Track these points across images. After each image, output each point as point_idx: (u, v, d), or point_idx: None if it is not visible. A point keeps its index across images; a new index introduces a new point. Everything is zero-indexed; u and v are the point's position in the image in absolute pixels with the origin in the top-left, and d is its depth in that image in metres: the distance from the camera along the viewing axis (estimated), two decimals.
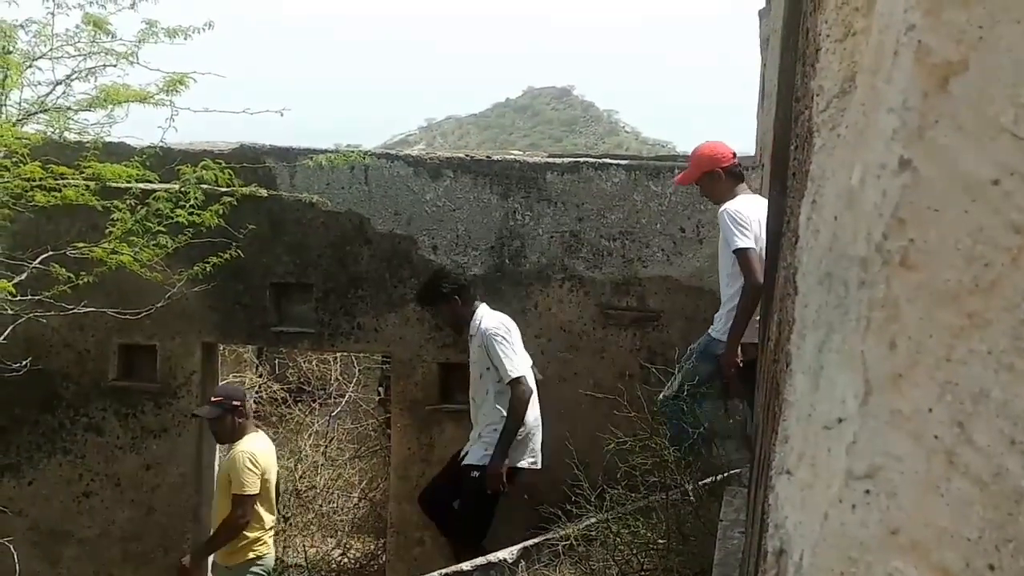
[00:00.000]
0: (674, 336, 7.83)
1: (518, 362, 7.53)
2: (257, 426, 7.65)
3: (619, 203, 8.09)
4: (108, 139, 8.10)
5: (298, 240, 8.41)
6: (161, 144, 8.03)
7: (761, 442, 2.93)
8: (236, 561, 7.41)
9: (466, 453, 7.73)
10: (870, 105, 1.10)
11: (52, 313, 7.50)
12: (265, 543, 7.47)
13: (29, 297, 7.27)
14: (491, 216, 8.24)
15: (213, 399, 7.45)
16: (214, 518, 7.55)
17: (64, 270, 7.33)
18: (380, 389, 12.28)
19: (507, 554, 6.45)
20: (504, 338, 7.55)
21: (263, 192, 8.07)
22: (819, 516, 1.06)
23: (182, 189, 7.67)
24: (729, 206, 6.80)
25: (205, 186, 7.69)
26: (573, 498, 5.99)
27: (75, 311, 7.53)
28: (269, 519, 7.40)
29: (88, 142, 7.85)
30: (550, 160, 8.42)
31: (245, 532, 7.28)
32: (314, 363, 12.12)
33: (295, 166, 8.32)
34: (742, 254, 6.64)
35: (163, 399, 8.53)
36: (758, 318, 6.34)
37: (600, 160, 8.35)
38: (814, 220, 1.23)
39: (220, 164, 7.71)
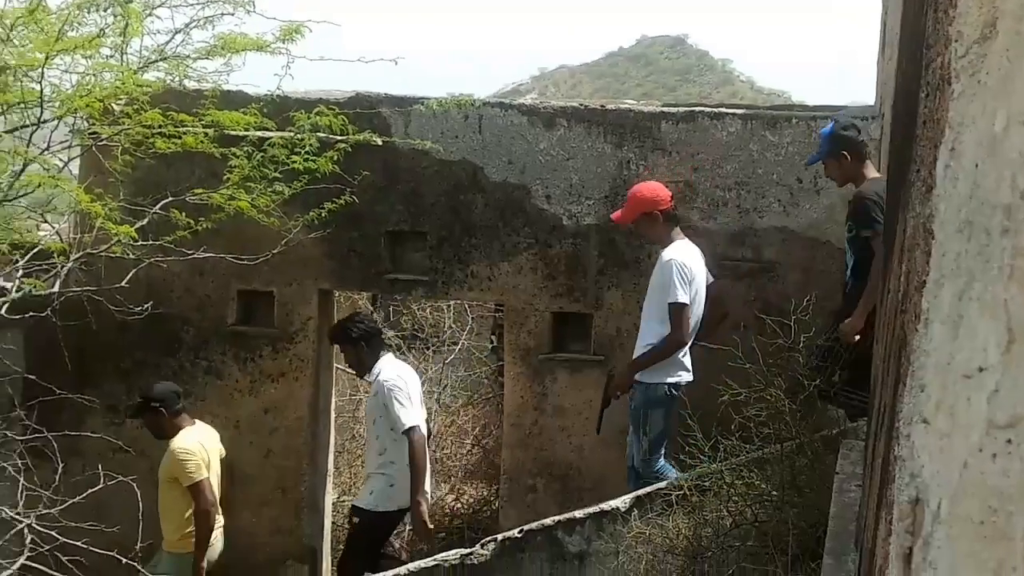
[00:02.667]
0: (790, 288, 7.74)
1: (412, 413, 7.76)
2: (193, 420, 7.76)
3: (735, 153, 8.00)
4: (226, 87, 8.19)
5: (412, 188, 8.45)
6: (278, 92, 8.11)
7: (881, 393, 2.89)
8: (182, 550, 7.50)
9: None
10: (1015, 51, 1.08)
11: (172, 258, 7.65)
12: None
13: (150, 242, 7.42)
14: (605, 166, 8.21)
15: (139, 397, 7.56)
16: (161, 513, 7.53)
17: (184, 216, 7.47)
18: (493, 337, 12.35)
19: (620, 502, 6.47)
20: (400, 388, 7.78)
21: (377, 140, 8.12)
22: (958, 465, 1.05)
23: (297, 136, 7.75)
24: (676, 257, 7.33)
25: (320, 134, 7.77)
26: (686, 448, 5.98)
27: (195, 256, 7.66)
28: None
29: (206, 90, 7.96)
30: (665, 109, 8.35)
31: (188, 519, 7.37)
32: (428, 311, 12.22)
33: (409, 114, 8.36)
34: (678, 308, 7.27)
35: (280, 344, 8.67)
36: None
37: (716, 109, 8.25)
38: (952, 168, 1.21)
39: (334, 111, 7.78)
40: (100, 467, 7.14)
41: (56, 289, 6.98)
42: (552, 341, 8.40)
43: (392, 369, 7.95)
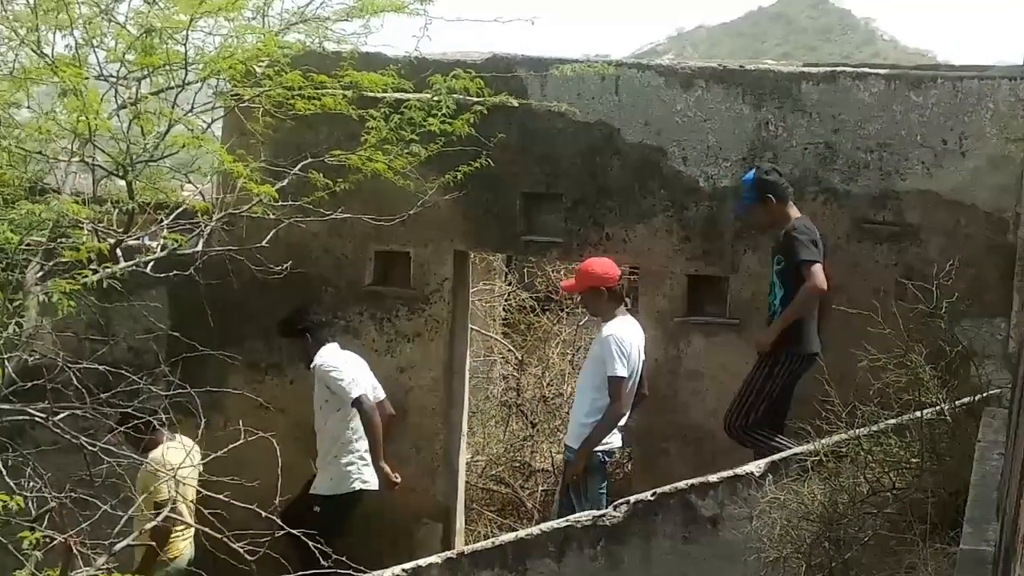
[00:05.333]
0: (932, 252, 7.57)
1: (353, 385, 8.04)
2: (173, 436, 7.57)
3: (877, 114, 7.83)
4: (364, 49, 8.25)
5: (548, 150, 8.43)
6: (415, 54, 8.15)
7: None
8: (172, 555, 7.44)
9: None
10: None
11: (311, 219, 7.74)
12: (176, 545, 7.52)
13: (290, 203, 7.54)
14: (743, 127, 8.09)
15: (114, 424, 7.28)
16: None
17: (322, 177, 7.56)
18: (627, 300, 12.32)
19: (754, 467, 6.42)
20: (335, 367, 8.12)
21: (514, 102, 8.11)
22: None
23: (434, 98, 7.79)
24: (616, 332, 7.86)
25: (457, 96, 7.80)
26: (823, 414, 5.90)
27: (333, 217, 7.76)
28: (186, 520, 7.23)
29: (345, 52, 8.02)
30: (805, 69, 8.20)
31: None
32: (562, 272, 12.22)
33: (546, 76, 8.34)
34: (617, 382, 7.72)
35: (416, 305, 8.73)
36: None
37: (858, 69, 8.07)
38: None
39: (471, 74, 7.79)
40: (241, 423, 7.28)
41: (199, 248, 7.13)
42: (687, 304, 8.34)
43: (328, 355, 8.24)
